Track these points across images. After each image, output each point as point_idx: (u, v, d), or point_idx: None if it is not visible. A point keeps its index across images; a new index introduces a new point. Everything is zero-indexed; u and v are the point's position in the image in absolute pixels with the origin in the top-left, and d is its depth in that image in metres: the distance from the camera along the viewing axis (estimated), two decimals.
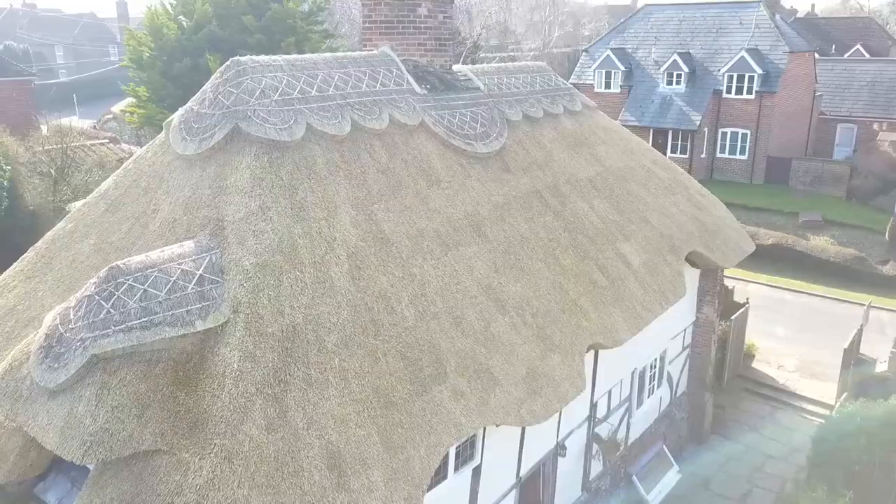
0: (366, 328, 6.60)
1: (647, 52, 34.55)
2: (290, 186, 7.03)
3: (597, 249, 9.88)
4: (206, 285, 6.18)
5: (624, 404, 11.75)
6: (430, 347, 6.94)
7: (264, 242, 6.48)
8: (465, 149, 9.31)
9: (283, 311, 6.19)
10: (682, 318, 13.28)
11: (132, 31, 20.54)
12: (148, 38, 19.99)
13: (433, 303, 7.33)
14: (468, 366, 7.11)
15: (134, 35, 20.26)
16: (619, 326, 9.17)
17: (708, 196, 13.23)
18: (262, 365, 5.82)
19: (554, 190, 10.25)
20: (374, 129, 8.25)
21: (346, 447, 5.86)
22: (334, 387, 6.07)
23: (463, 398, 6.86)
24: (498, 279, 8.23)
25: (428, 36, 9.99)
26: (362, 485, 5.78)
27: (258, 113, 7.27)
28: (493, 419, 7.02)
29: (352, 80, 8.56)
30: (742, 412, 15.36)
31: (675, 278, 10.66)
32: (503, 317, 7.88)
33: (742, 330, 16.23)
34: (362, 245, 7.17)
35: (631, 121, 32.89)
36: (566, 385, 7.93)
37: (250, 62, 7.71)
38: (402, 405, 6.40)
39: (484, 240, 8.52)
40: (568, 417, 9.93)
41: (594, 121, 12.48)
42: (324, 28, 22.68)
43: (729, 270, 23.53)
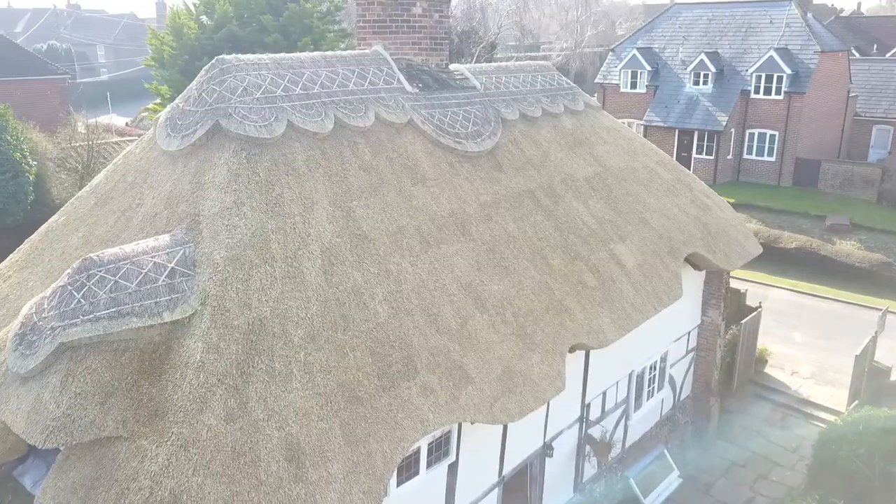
0: (335, 323, 6.68)
1: (674, 52, 34.05)
2: (267, 182, 7.15)
3: (589, 250, 9.82)
4: (178, 278, 6.33)
5: (620, 406, 11.64)
6: (401, 344, 6.99)
7: (236, 237, 6.62)
8: (455, 147, 9.34)
9: (250, 305, 6.31)
10: (685, 320, 13.10)
11: (155, 31, 21.04)
12: (170, 37, 20.48)
13: (408, 299, 7.38)
14: (440, 363, 7.15)
15: (156, 34, 20.76)
16: (607, 327, 9.10)
17: (714, 197, 13.02)
18: (226, 356, 5.95)
19: (548, 189, 10.21)
20: (359, 127, 8.34)
21: (306, 439, 5.94)
22: (298, 380, 6.17)
23: (432, 395, 6.89)
24: (479, 277, 8.24)
25: (423, 35, 10.04)
26: (321, 477, 5.87)
27: (239, 110, 7.41)
28: (463, 416, 7.04)
29: (339, 78, 8.66)
30: (751, 418, 15.08)
31: (672, 280, 10.53)
32: (482, 315, 7.89)
33: (753, 334, 15.93)
34: (338, 241, 7.26)
35: (656, 121, 32.49)
36: (544, 384, 7.90)
37: (235, 60, 7.86)
38: (368, 400, 6.46)
39: (468, 238, 8.54)
40: (556, 417, 9.90)
41: (596, 120, 12.38)
42: (341, 27, 22.93)
43: (749, 274, 23.24)
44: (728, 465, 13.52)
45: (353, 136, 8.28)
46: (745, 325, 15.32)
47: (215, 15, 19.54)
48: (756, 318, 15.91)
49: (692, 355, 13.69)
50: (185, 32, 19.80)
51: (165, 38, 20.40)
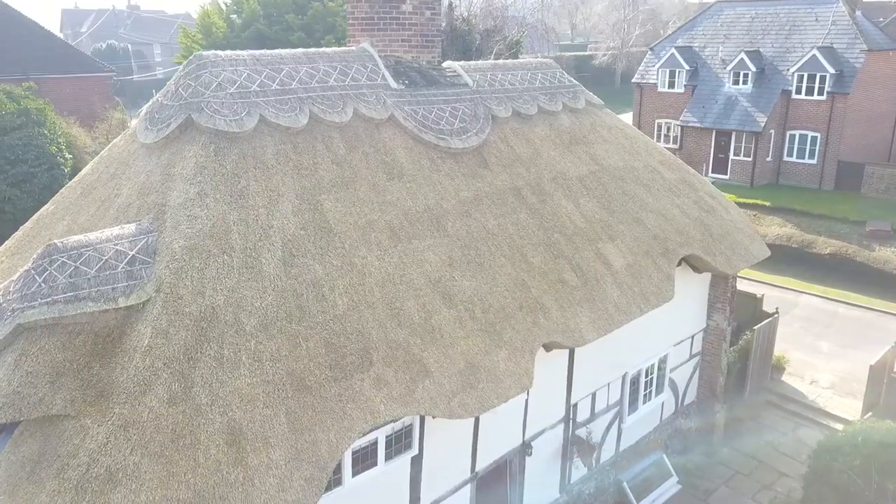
0: (290, 313, 6.82)
1: (714, 51, 33.22)
2: (233, 175, 7.35)
3: (573, 248, 9.73)
4: (137, 265, 6.57)
5: (613, 408, 11.49)
6: (358, 336, 7.08)
7: (196, 227, 6.82)
8: (438, 143, 9.38)
9: (204, 293, 6.49)
10: (687, 324, 12.83)
11: (186, 29, 21.72)
12: (199, 35, 21.10)
13: (371, 293, 7.47)
14: (398, 356, 7.21)
15: (187, 33, 21.42)
16: (585, 327, 9.00)
17: (720, 198, 12.70)
18: (174, 342, 6.15)
19: (536, 187, 10.16)
20: (335, 122, 8.47)
21: (249, 425, 6.09)
22: (246, 367, 6.32)
23: (386, 387, 6.96)
24: (451, 273, 8.27)
25: (413, 32, 10.12)
26: (261, 462, 6.01)
27: (211, 105, 7.63)
28: (417, 409, 7.09)
29: (319, 74, 8.80)
30: (762, 426, 14.64)
31: (663, 282, 10.34)
32: (449, 310, 7.92)
33: (768, 340, 15.46)
34: (301, 233, 7.40)
35: (692, 121, 31.78)
36: (509, 381, 7.88)
37: (212, 56, 8.09)
38: (317, 389, 6.58)
39: (442, 234, 8.58)
40: (536, 416, 9.85)
41: (597, 119, 12.23)
42: None
43: (779, 280, 22.58)
44: (732, 473, 13.17)
45: (328, 131, 8.42)
46: (758, 330, 14.90)
47: (243, 14, 20.10)
48: (771, 324, 15.44)
49: (697, 360, 13.39)
50: (213, 31, 20.40)
51: (195, 37, 21.07)
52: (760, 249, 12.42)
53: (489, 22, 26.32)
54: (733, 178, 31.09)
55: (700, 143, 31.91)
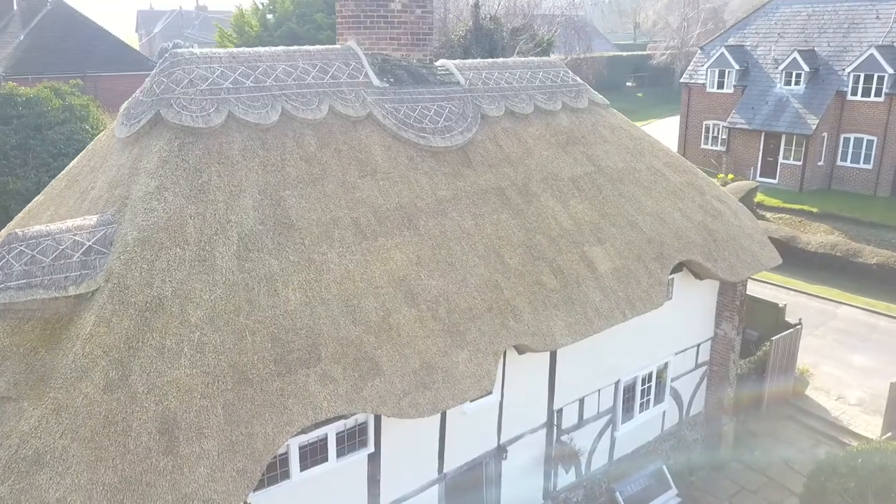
0: (239, 307, 6.92)
1: (767, 50, 31.95)
2: (196, 169, 7.50)
3: (556, 251, 9.53)
4: (93, 255, 6.79)
5: (605, 416, 11.20)
6: (308, 332, 7.13)
7: (151, 219, 7.00)
8: (418, 142, 9.35)
9: (152, 284, 6.66)
10: (692, 332, 12.39)
11: (222, 29, 22.34)
12: (234, 35, 21.66)
13: (327, 289, 7.50)
14: (348, 353, 7.22)
15: (223, 33, 22.03)
16: (558, 331, 8.80)
17: (729, 203, 12.20)
18: (116, 331, 6.32)
19: (522, 188, 10.00)
20: (308, 119, 8.54)
21: (183, 415, 6.22)
22: (188, 358, 6.45)
23: (332, 383, 6.98)
24: (418, 272, 8.23)
25: (402, 31, 10.10)
26: (192, 452, 6.12)
27: (179, 101, 7.81)
28: (363, 407, 7.08)
29: (297, 72, 8.90)
30: (777, 442, 14.02)
31: (653, 288, 10.01)
32: (410, 309, 7.88)
33: (789, 352, 14.77)
34: (259, 228, 7.50)
35: (740, 123, 30.66)
36: (467, 383, 7.78)
37: (187, 54, 8.28)
38: (259, 383, 6.65)
39: (413, 232, 8.54)
40: (512, 420, 9.70)
41: (600, 119, 11.94)
42: None
43: (818, 289, 21.59)
44: (737, 489, 12.66)
45: (301, 128, 8.50)
46: (776, 342, 14.26)
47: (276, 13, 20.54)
48: (793, 335, 14.75)
49: (704, 370, 12.91)
50: (246, 31, 20.92)
51: (230, 37, 21.65)
52: (770, 257, 11.87)
53: (517, 20, 25.99)
54: (782, 183, 29.86)
55: (748, 145, 30.77)
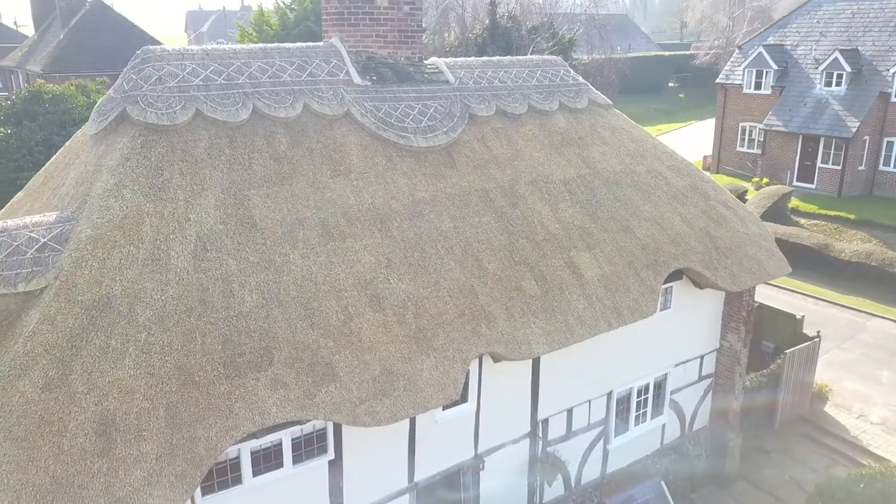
0: (191, 308, 6.80)
1: (808, 49, 30.72)
2: (157, 167, 7.42)
3: (539, 255, 9.19)
4: (47, 252, 6.76)
5: (596, 427, 10.80)
6: (262, 334, 6.97)
7: (106, 217, 6.93)
8: (398, 142, 9.12)
9: (101, 282, 6.59)
10: (695, 343, 11.87)
11: (242, 28, 22.54)
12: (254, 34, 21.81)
13: (286, 291, 7.33)
14: (303, 357, 7.04)
15: (244, 31, 22.21)
16: (535, 339, 8.47)
17: (736, 209, 11.63)
18: (60, 329, 6.26)
19: (508, 190, 9.68)
20: (280, 118, 8.40)
21: (123, 417, 6.12)
22: (132, 358, 6.36)
23: (283, 388, 6.81)
24: (386, 275, 8.00)
25: (389, 28, 9.90)
26: (129, 454, 6.02)
27: (146, 98, 7.75)
28: (315, 414, 6.88)
29: (272, 69, 8.77)
30: (789, 460, 13.35)
31: (644, 296, 9.57)
32: (374, 313, 7.66)
33: (806, 366, 14.06)
34: (220, 228, 7.38)
35: (776, 125, 29.55)
36: (431, 391, 7.52)
37: (158, 51, 8.23)
38: (205, 385, 6.52)
39: (385, 234, 8.32)
40: (491, 429, 9.39)
41: (600, 119, 11.52)
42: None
43: (850, 300, 20.62)
44: None
45: (272, 127, 8.36)
46: (791, 354, 13.58)
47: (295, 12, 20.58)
48: (810, 348, 14.03)
49: (708, 383, 12.36)
50: (264, 29, 21.04)
51: (250, 35, 21.82)
52: (778, 267, 11.27)
53: (536, 18, 25.45)
54: (820, 188, 28.68)
55: (785, 148, 29.65)
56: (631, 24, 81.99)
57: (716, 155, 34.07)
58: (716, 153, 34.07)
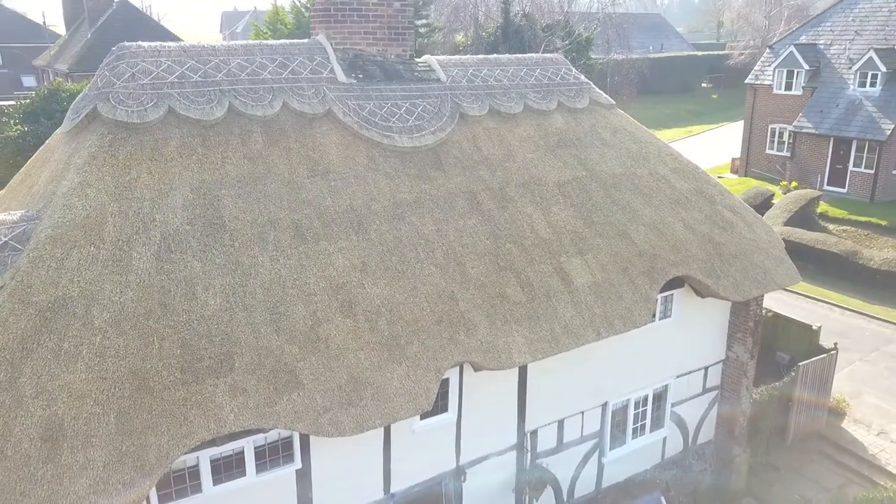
0: (150, 310, 6.62)
1: (841, 49, 29.65)
2: (125, 166, 7.27)
3: (527, 261, 8.84)
4: (7, 252, 6.64)
5: (590, 440, 10.39)
6: (223, 339, 6.76)
7: (68, 216, 6.80)
8: (381, 141, 8.86)
9: (57, 283, 6.44)
10: (699, 353, 11.37)
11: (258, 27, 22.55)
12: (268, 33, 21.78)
13: (252, 294, 7.12)
14: (266, 364, 6.81)
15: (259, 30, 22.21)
16: (516, 348, 8.12)
17: (744, 214, 11.09)
18: (11, 331, 6.13)
19: (498, 192, 9.35)
20: (257, 116, 8.20)
21: (72, 422, 5.95)
22: (85, 362, 6.20)
23: (243, 395, 6.59)
24: (360, 279, 7.74)
25: (378, 24, 9.65)
26: (76, 461, 5.85)
27: (117, 95, 7.61)
28: (276, 422, 6.64)
29: (252, 67, 8.57)
30: (800, 478, 12.74)
31: (637, 304, 9.15)
32: (344, 319, 7.41)
33: (822, 379, 13.41)
34: (186, 228, 7.19)
35: (807, 127, 28.57)
36: (401, 401, 7.23)
37: (134, 47, 8.08)
38: (161, 391, 6.33)
39: (362, 236, 8.06)
40: (474, 440, 9.06)
41: (601, 119, 11.10)
42: (426, 22, 22.87)
43: (877, 310, 19.70)
44: None
45: (248, 125, 8.17)
46: (804, 367, 12.96)
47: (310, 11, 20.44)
48: (826, 360, 13.38)
49: (713, 395, 11.84)
50: (279, 27, 21.00)
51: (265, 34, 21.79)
52: (787, 276, 10.71)
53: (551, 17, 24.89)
54: (851, 192, 27.64)
55: (815, 151, 28.65)
56: (665, 23, 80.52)
57: (744, 157, 33.12)
58: (744, 155, 33.12)
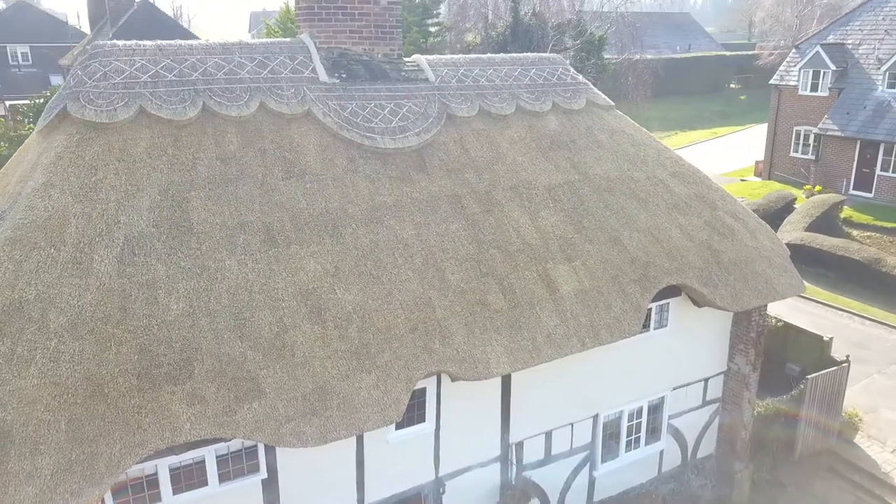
0: (109, 315, 6.48)
1: (870, 48, 28.70)
2: (91, 167, 7.15)
3: (511, 267, 8.54)
4: None
5: (580, 452, 10.05)
6: (184, 345, 6.59)
7: (30, 218, 6.69)
8: (362, 143, 8.64)
9: (15, 286, 6.33)
10: (699, 365, 10.95)
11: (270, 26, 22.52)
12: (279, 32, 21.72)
13: (217, 300, 6.94)
14: (227, 371, 6.63)
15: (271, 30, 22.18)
16: (495, 358, 7.82)
17: (747, 221, 10.64)
18: None
19: (484, 196, 9.06)
20: (232, 116, 8.03)
21: (21, 428, 5.83)
22: (38, 367, 6.07)
23: (201, 403, 6.41)
24: (332, 284, 7.52)
25: (365, 23, 9.43)
26: (23, 469, 5.72)
27: (87, 94, 7.50)
28: (234, 432, 6.45)
29: (229, 66, 8.41)
30: (808, 496, 12.22)
31: (627, 314, 8.79)
32: (313, 326, 7.19)
33: (832, 392, 12.86)
34: (152, 231, 7.04)
35: (832, 130, 27.71)
36: (369, 412, 6.99)
37: (108, 46, 7.97)
38: (116, 398, 6.18)
39: (337, 241, 7.84)
40: (454, 451, 8.79)
41: (598, 122, 10.74)
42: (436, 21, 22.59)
43: None
44: None
45: (223, 126, 8.00)
46: (813, 380, 12.44)
47: None
48: (837, 373, 12.83)
49: (714, 408, 11.40)
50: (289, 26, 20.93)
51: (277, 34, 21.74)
52: (790, 286, 10.24)
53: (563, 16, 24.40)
54: (879, 197, 26.74)
55: (841, 154, 27.79)
56: (692, 22, 79.15)
57: (768, 160, 32.30)
58: (768, 158, 32.30)
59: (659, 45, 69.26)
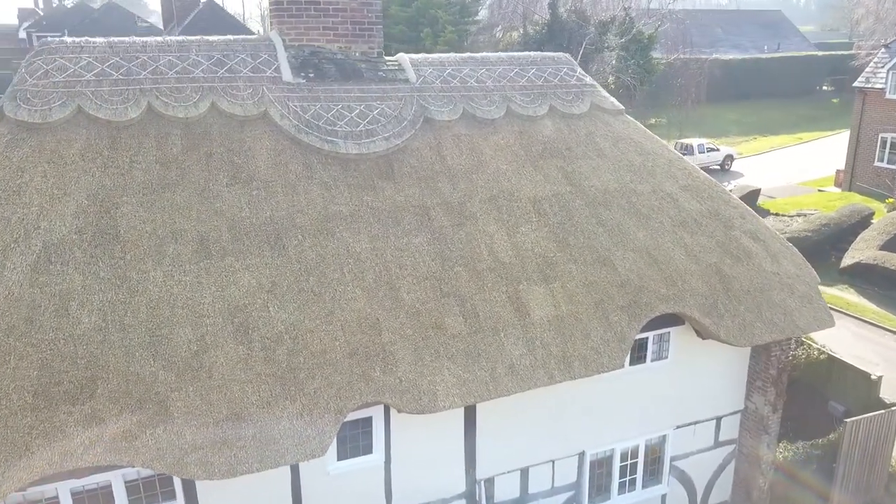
0: (13, 327, 6.14)
1: None
2: (18, 169, 6.86)
3: (477, 287, 7.74)
4: None
5: (564, 492, 9.11)
6: (89, 362, 6.17)
7: None
8: (322, 147, 8.05)
9: None
10: (708, 401, 9.77)
11: None
12: None
13: (134, 313, 6.50)
14: (133, 392, 6.17)
15: None
16: (444, 390, 7.05)
17: (769, 243, 9.36)
18: None
19: (456, 208, 8.30)
20: (179, 118, 7.60)
21: None
22: None
23: (99, 426, 5.97)
24: (266, 301, 6.96)
25: (340, 19, 8.85)
26: None
27: (24, 94, 7.23)
28: (133, 459, 5.98)
29: (183, 64, 7.99)
30: None
31: (608, 345, 7.81)
32: (237, 346, 6.64)
33: (878, 438, 11.28)
34: (73, 238, 6.68)
35: None
36: (287, 444, 6.38)
37: (56, 43, 7.70)
38: (5, 416, 5.81)
39: (278, 253, 7.28)
40: (409, 487, 8.07)
41: (601, 128, 9.73)
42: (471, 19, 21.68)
43: None
44: None
45: (168, 127, 7.58)
46: (853, 424, 10.94)
47: None
48: (885, 417, 11.25)
49: (730, 450, 10.17)
50: None
51: None
52: (814, 319, 8.91)
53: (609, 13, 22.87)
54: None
55: None
56: (784, 20, 74.62)
57: (849, 170, 29.71)
58: (849, 168, 29.71)
59: (744, 43, 65.64)
